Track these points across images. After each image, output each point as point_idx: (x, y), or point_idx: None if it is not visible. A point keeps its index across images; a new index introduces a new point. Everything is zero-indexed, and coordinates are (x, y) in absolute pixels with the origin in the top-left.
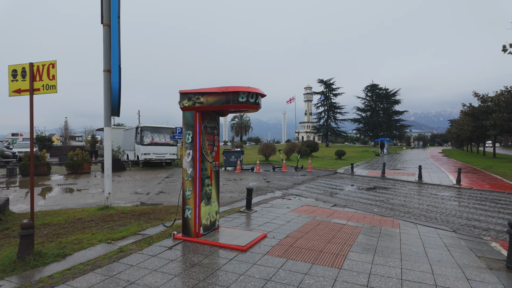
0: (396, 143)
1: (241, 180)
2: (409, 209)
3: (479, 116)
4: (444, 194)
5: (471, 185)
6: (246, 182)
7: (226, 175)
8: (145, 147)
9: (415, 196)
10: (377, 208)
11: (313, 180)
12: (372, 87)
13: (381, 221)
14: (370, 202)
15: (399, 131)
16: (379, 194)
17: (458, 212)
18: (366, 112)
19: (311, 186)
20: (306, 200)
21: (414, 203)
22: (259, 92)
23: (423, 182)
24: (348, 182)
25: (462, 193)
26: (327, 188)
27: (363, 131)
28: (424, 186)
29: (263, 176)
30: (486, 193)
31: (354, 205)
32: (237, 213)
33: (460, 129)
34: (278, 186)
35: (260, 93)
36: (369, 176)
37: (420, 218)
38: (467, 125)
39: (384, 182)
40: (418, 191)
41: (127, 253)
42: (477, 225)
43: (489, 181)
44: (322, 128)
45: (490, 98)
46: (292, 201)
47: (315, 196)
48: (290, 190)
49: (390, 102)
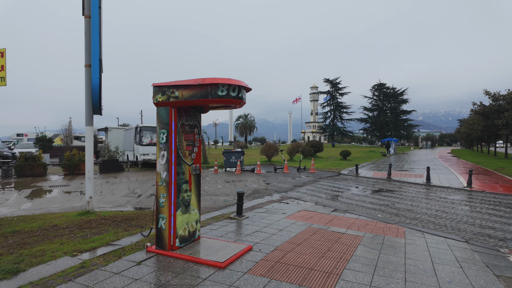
0: (403, 143)
1: (239, 182)
2: (416, 215)
3: (490, 115)
4: (454, 197)
5: (483, 187)
6: (245, 184)
7: (225, 176)
8: (144, 147)
9: (422, 199)
10: (381, 213)
11: (315, 182)
12: (379, 86)
13: (384, 229)
14: (373, 206)
15: (407, 131)
16: (383, 197)
17: (470, 219)
18: (373, 111)
19: (312, 189)
20: (305, 204)
21: (421, 208)
22: (241, 85)
23: (432, 184)
24: (351, 184)
25: (474, 197)
26: (329, 190)
27: (370, 131)
28: (433, 188)
29: (263, 178)
30: (500, 197)
31: (356, 210)
32: (226, 219)
33: (470, 129)
34: (277, 188)
35: (243, 85)
36: (374, 178)
37: (428, 225)
38: (477, 124)
39: (390, 184)
40: (426, 194)
41: (88, 269)
42: (492, 234)
43: (503, 184)
44: (328, 128)
45: (502, 97)
46: (290, 206)
47: (315, 200)
48: (289, 192)
49: (397, 101)
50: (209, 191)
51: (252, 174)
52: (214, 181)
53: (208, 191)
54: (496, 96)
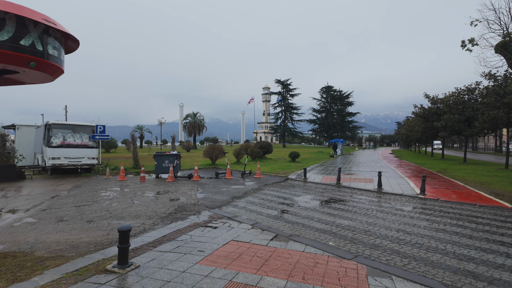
0: (348, 144)
1: (166, 194)
2: (375, 240)
3: (430, 117)
4: (411, 209)
5: (436, 194)
6: (171, 196)
7: (153, 185)
8: (53, 149)
9: (378, 214)
10: (333, 238)
11: (259, 191)
12: (327, 89)
13: (340, 275)
14: (324, 226)
15: (352, 132)
16: (335, 211)
17: (439, 243)
18: (321, 113)
19: (253, 201)
20: (238, 227)
21: (379, 227)
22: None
23: (383, 191)
24: (299, 191)
25: (431, 207)
26: (273, 203)
27: (318, 132)
28: (385, 196)
29: (199, 187)
30: (457, 206)
31: (303, 234)
32: (98, 275)
33: (410, 130)
34: (210, 202)
35: (51, 25)
36: (323, 184)
37: (394, 259)
38: (417, 126)
39: (340, 191)
40: (380, 205)
41: None
42: (476, 272)
43: (453, 189)
44: (279, 128)
45: (440, 100)
46: (217, 232)
47: (253, 218)
48: (224, 208)
49: (343, 103)
50: (113, 211)
51: (188, 181)
52: (132, 194)
53: (112, 210)
54: (434, 99)
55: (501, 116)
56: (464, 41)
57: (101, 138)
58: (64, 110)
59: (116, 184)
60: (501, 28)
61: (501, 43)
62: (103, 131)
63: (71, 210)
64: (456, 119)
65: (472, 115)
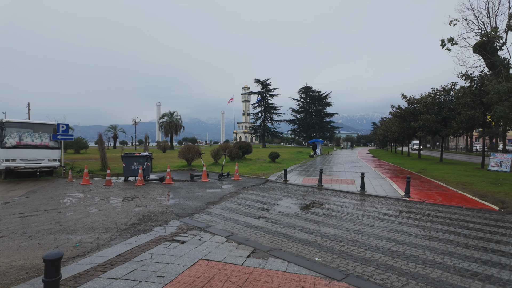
0: (326, 144)
1: (131, 200)
2: (365, 253)
3: (407, 118)
4: (397, 213)
5: (421, 196)
6: (138, 203)
7: (119, 190)
8: (7, 150)
9: (365, 220)
10: (319, 252)
11: (236, 195)
12: (306, 89)
13: None
14: (307, 237)
15: (330, 132)
16: (318, 217)
17: (436, 255)
18: (300, 113)
19: (230, 207)
20: (211, 241)
21: (368, 237)
22: None
23: (367, 194)
24: (280, 195)
25: (418, 211)
26: (251, 209)
27: (297, 132)
28: (370, 199)
29: (171, 191)
30: (444, 210)
31: (285, 246)
32: None
33: (387, 130)
34: (182, 209)
35: None
36: (304, 186)
37: (390, 279)
38: (395, 126)
39: (322, 194)
40: (366, 209)
41: None
42: None
43: (436, 190)
44: (259, 128)
45: (416, 100)
46: (185, 249)
47: (229, 228)
48: (196, 216)
49: (322, 104)
50: (66, 222)
51: (159, 185)
52: (93, 200)
53: (64, 222)
54: (411, 100)
55: (478, 116)
56: (444, 40)
57: (64, 138)
58: (27, 108)
59: (77, 189)
60: (479, 27)
61: (479, 43)
62: (66, 130)
63: (13, 222)
64: (433, 119)
65: (448, 115)
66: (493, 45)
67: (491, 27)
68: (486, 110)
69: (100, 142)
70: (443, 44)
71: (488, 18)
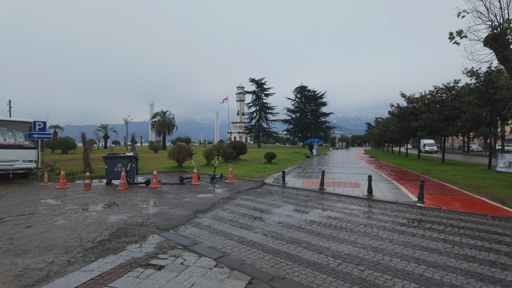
0: (321, 144)
1: (108, 208)
2: (393, 282)
3: (406, 117)
4: (416, 223)
5: (435, 202)
6: (117, 211)
7: (97, 195)
8: None
9: (381, 233)
10: (334, 279)
11: (230, 201)
12: (301, 89)
13: None
14: (317, 257)
15: (325, 132)
16: (327, 229)
17: (483, 283)
18: (295, 113)
19: (222, 216)
20: (196, 266)
21: (391, 257)
22: None
23: (375, 199)
24: (278, 201)
25: (438, 220)
26: (247, 218)
27: (293, 132)
28: (380, 205)
29: (157, 196)
30: (467, 218)
31: (291, 272)
32: None
33: (385, 130)
34: (164, 219)
35: None
36: (304, 189)
37: None
38: (393, 125)
39: (326, 199)
40: (378, 218)
41: None
42: None
43: (451, 194)
44: (254, 128)
45: (416, 99)
46: (160, 279)
47: (220, 245)
48: (182, 229)
49: (317, 104)
50: (19, 239)
51: (144, 189)
52: (63, 208)
53: (18, 238)
54: (411, 99)
55: (486, 115)
56: (452, 33)
57: (41, 137)
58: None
59: (51, 194)
60: (489, 19)
61: (491, 36)
62: (43, 128)
63: None
64: (435, 118)
65: (451, 114)
66: (506, 38)
67: (503, 19)
68: (494, 108)
69: (83, 141)
70: (451, 37)
71: (500, 10)
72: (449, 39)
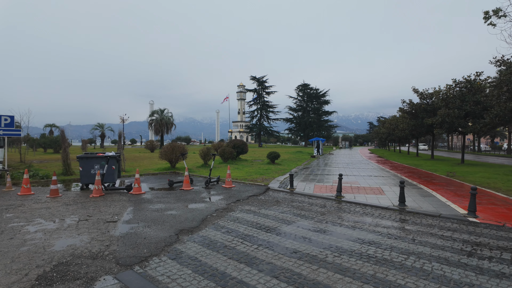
0: (324, 143)
1: (62, 227)
2: None
3: (419, 114)
4: (482, 249)
5: (491, 216)
6: (72, 231)
7: (61, 204)
8: None
9: (446, 270)
10: None
11: (226, 213)
12: (304, 87)
13: None
14: None
15: (328, 131)
16: (364, 264)
17: None
18: (297, 111)
19: (214, 239)
20: None
21: None
22: None
23: (410, 210)
24: (288, 213)
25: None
26: (249, 243)
27: (294, 131)
28: (422, 221)
29: (135, 207)
30: None
31: None
32: None
33: (394, 129)
34: (131, 247)
35: None
36: (318, 197)
37: None
38: (404, 123)
39: (349, 212)
40: (431, 243)
41: None
42: None
43: (504, 204)
44: (255, 127)
45: (430, 94)
46: None
47: None
48: (153, 264)
49: (320, 102)
50: None
51: (123, 196)
52: (6, 224)
53: None
54: (425, 94)
55: None
56: (488, 11)
57: (7, 134)
58: None
59: (5, 203)
60: None
61: None
62: (11, 123)
63: None
64: (455, 114)
65: (473, 110)
66: None
67: None
68: None
69: (62, 140)
70: (486, 16)
71: None
72: (484, 19)
